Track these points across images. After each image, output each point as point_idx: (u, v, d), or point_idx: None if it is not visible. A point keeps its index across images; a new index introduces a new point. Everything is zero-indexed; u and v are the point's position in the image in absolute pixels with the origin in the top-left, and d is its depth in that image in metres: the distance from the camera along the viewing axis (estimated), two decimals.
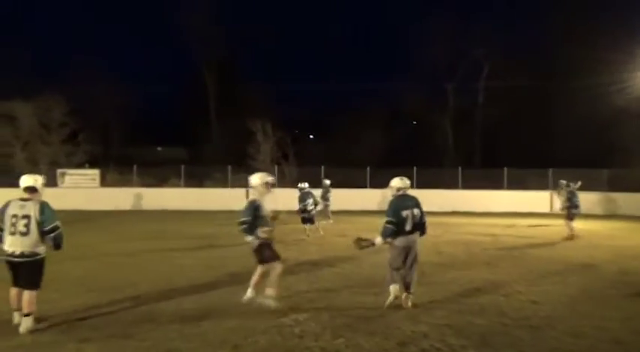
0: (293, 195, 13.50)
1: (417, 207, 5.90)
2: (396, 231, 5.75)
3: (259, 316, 5.50)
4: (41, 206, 5.05)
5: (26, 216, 4.96)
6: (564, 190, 12.85)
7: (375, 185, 22.22)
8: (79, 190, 22.21)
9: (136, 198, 22.50)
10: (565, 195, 12.74)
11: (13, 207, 5.03)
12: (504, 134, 31.29)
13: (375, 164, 23.60)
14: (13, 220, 4.96)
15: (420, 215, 5.92)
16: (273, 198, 6.15)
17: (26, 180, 5.20)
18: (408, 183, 6.09)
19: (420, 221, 5.92)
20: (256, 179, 6.03)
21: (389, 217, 5.77)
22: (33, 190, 5.14)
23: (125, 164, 25.10)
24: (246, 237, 5.79)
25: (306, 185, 13.20)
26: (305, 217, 12.61)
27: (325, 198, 16.53)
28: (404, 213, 5.75)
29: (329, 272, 8.06)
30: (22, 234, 4.95)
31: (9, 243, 5.00)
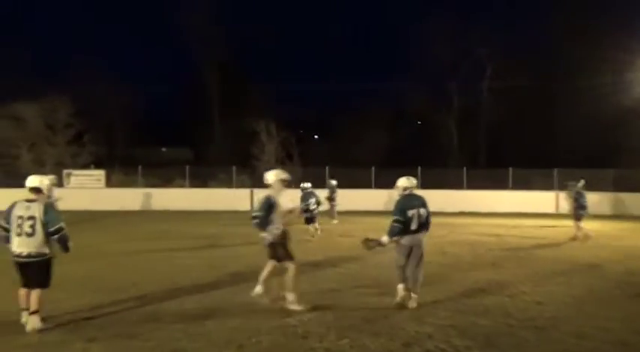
0: (297, 195, 13.52)
1: (423, 207, 5.94)
2: (402, 230, 5.79)
3: (263, 316, 5.51)
4: (45, 207, 5.09)
5: (32, 217, 5.00)
6: (572, 191, 12.68)
7: (380, 185, 22.20)
8: (84, 191, 22.31)
9: (141, 198, 22.56)
10: (572, 195, 12.58)
11: (18, 208, 5.07)
12: (509, 134, 31.18)
13: (380, 164, 23.57)
14: (19, 221, 5.01)
15: (427, 215, 5.96)
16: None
17: (32, 180, 5.24)
18: (414, 182, 6.14)
19: (426, 220, 5.95)
20: (272, 176, 6.01)
21: (396, 216, 5.81)
22: (38, 191, 5.18)
23: (130, 165, 25.18)
24: (261, 233, 5.77)
25: (309, 185, 13.24)
26: (307, 217, 12.64)
27: (331, 199, 16.52)
28: (410, 213, 5.80)
29: (333, 273, 8.06)
30: (28, 234, 4.99)
31: (16, 244, 5.05)
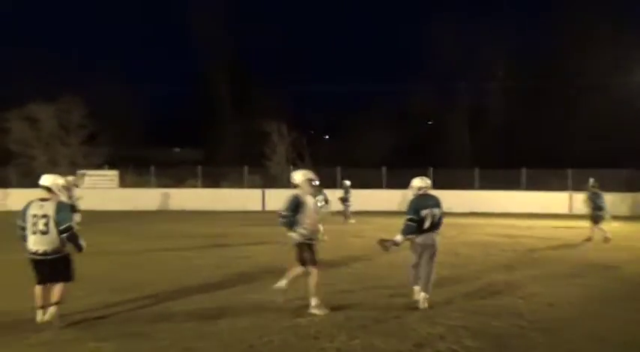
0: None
1: (437, 207, 5.98)
2: (416, 229, 5.85)
3: (275, 315, 5.53)
4: (58, 206, 5.21)
5: (45, 216, 5.13)
6: (588, 192, 12.41)
7: (391, 185, 22.14)
8: (97, 191, 22.56)
9: (154, 198, 22.78)
10: (589, 197, 12.31)
11: (33, 207, 5.20)
12: (522, 134, 30.85)
13: (391, 164, 23.47)
14: (33, 220, 5.14)
15: (440, 215, 6.00)
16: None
17: (44, 179, 5.36)
18: (429, 182, 6.20)
19: (439, 220, 5.99)
20: (299, 176, 5.98)
21: (409, 215, 5.88)
22: (48, 190, 5.29)
23: (143, 165, 25.38)
24: (288, 232, 5.75)
25: (317, 183, 13.36)
26: None
27: (345, 199, 16.53)
28: (423, 212, 5.85)
29: (345, 273, 8.06)
30: (43, 232, 5.12)
31: (32, 242, 5.17)
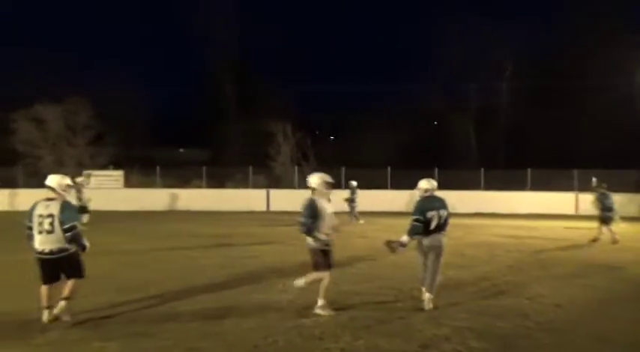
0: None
1: (443, 208, 6.02)
2: (422, 230, 5.87)
3: (279, 316, 5.54)
4: (62, 205, 5.28)
5: (50, 215, 5.22)
6: (597, 193, 12.28)
7: (396, 186, 22.09)
8: (103, 191, 22.62)
9: (159, 199, 22.84)
10: (597, 197, 12.17)
11: (39, 208, 5.28)
12: (528, 134, 30.70)
13: (396, 165, 23.44)
14: (39, 220, 5.22)
15: (446, 216, 6.02)
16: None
17: (49, 179, 5.44)
18: (435, 184, 6.23)
19: (445, 222, 6.02)
20: (316, 179, 5.88)
21: (415, 216, 5.90)
22: (52, 189, 5.37)
23: (148, 165, 25.47)
24: (307, 239, 5.71)
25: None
26: None
27: (352, 200, 16.53)
28: (429, 214, 5.87)
29: (349, 273, 8.03)
30: (48, 232, 5.20)
31: (38, 242, 5.25)
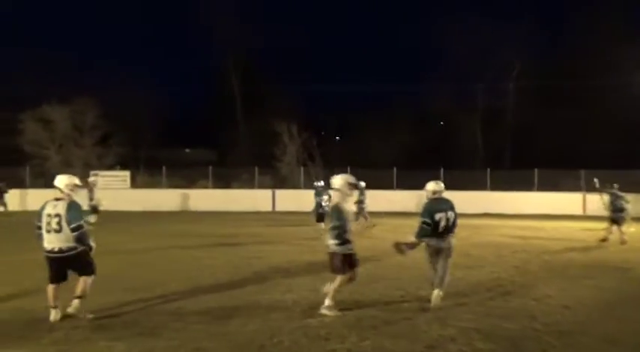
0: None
1: (451, 210, 6.07)
2: (430, 232, 5.92)
3: (285, 316, 5.53)
4: (69, 205, 5.35)
5: (58, 215, 5.30)
6: (607, 192, 12.16)
7: (402, 186, 22.04)
8: (109, 191, 22.68)
9: (165, 199, 22.89)
10: (608, 197, 12.04)
11: (48, 207, 5.37)
12: (535, 135, 30.56)
13: (402, 165, 23.40)
14: (47, 219, 5.31)
15: (454, 218, 6.05)
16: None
17: (57, 180, 5.52)
18: (442, 186, 6.31)
19: (453, 224, 6.06)
20: (339, 180, 5.89)
21: (423, 218, 5.96)
22: (60, 190, 5.45)
23: (154, 166, 25.57)
24: (331, 242, 5.70)
25: (322, 183, 14.03)
26: (320, 213, 13.03)
27: (360, 201, 16.50)
28: (437, 216, 5.93)
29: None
30: (56, 231, 5.28)
31: (47, 241, 5.34)
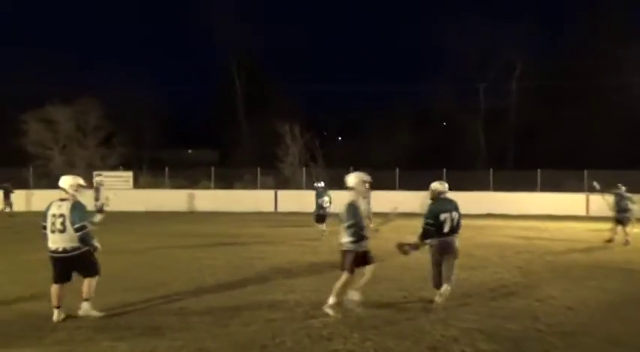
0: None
1: (455, 210, 6.08)
2: (435, 233, 5.94)
3: (287, 317, 5.53)
4: (72, 206, 5.37)
5: (62, 215, 5.32)
6: (612, 193, 12.13)
7: (404, 187, 22.02)
8: (112, 192, 22.70)
9: (168, 199, 22.92)
10: (613, 198, 12.01)
11: (53, 207, 5.40)
12: (538, 135, 30.48)
13: (404, 166, 23.37)
14: (52, 219, 5.34)
15: (458, 218, 6.07)
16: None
17: (62, 180, 5.55)
18: (446, 186, 6.31)
19: (457, 224, 6.08)
20: (354, 178, 5.87)
21: (427, 219, 5.98)
22: (64, 190, 5.47)
23: (157, 166, 25.61)
24: (344, 240, 5.65)
25: (322, 184, 13.89)
26: (320, 215, 12.93)
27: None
28: (442, 216, 5.94)
29: (357, 274, 7.99)
30: (60, 231, 5.31)
31: (51, 241, 5.36)
